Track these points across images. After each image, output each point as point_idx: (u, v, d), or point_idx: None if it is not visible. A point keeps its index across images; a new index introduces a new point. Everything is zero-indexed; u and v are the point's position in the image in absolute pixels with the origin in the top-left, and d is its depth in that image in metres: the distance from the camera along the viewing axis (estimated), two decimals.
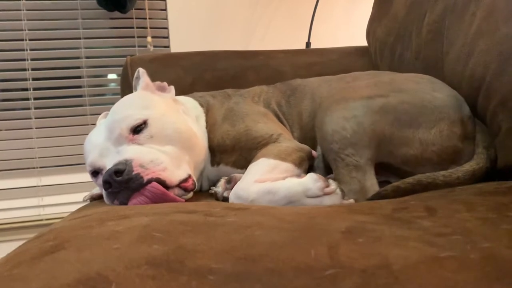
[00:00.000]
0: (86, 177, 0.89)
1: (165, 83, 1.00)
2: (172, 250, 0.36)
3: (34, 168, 2.13)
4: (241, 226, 0.42)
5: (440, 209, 0.51)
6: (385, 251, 0.35)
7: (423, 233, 0.40)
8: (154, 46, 2.12)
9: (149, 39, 2.08)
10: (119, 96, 1.54)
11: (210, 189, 0.94)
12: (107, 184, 0.76)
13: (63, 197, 2.12)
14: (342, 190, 0.72)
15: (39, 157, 2.13)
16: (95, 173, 0.86)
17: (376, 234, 0.39)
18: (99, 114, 2.14)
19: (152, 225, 0.44)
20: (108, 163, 0.81)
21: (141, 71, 0.98)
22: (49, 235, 0.47)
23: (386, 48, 1.28)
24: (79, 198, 2.05)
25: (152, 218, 0.48)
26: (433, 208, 0.51)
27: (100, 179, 0.81)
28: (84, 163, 0.87)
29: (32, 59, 2.10)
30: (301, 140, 0.94)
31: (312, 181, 0.72)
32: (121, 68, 1.37)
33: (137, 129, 0.83)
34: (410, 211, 0.51)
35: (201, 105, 1.02)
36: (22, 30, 2.08)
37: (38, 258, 0.38)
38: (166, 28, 2.18)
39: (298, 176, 0.78)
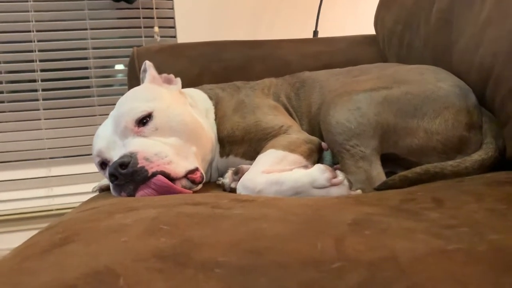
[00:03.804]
0: (95, 167, 0.89)
1: (171, 75, 0.99)
2: (179, 243, 0.36)
3: (43, 159, 2.15)
4: (248, 219, 0.42)
5: (448, 200, 0.50)
6: (392, 243, 0.35)
7: (431, 225, 0.40)
8: (161, 36, 2.11)
9: (156, 29, 2.08)
10: (126, 87, 1.55)
11: (217, 180, 0.95)
12: (113, 177, 0.77)
13: (73, 187, 2.14)
14: (349, 181, 0.72)
15: (48, 148, 2.15)
16: (103, 165, 0.86)
17: (383, 226, 0.39)
18: (107, 104, 2.18)
19: (159, 218, 0.44)
20: (114, 156, 0.81)
21: (148, 63, 0.98)
22: (58, 227, 0.47)
23: (394, 36, 1.27)
24: (88, 188, 2.07)
25: (159, 210, 0.48)
26: (441, 199, 0.51)
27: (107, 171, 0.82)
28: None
29: (39, 51, 2.11)
30: (310, 133, 0.94)
31: (319, 172, 0.72)
32: (128, 58, 1.37)
33: (142, 121, 0.83)
34: (417, 202, 0.51)
35: (210, 98, 1.02)
36: (29, 21, 2.08)
37: (47, 251, 0.38)
38: (173, 18, 2.17)
39: (306, 167, 0.78)
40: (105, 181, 1.00)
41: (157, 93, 0.90)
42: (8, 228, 2.08)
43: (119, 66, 2.26)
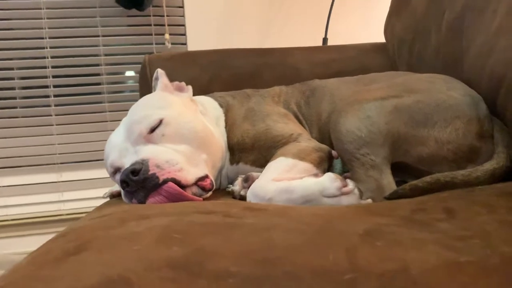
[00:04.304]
0: (105, 173, 0.90)
1: (183, 83, 1.00)
2: (192, 252, 0.37)
3: (54, 164, 2.17)
4: (259, 228, 0.43)
5: (460, 211, 0.50)
6: (404, 255, 0.35)
7: (442, 236, 0.39)
8: (171, 43, 2.13)
9: (166, 36, 2.09)
10: (137, 93, 1.55)
11: (227, 187, 0.95)
12: (124, 184, 0.77)
13: (83, 192, 2.16)
14: (360, 190, 0.72)
15: (59, 153, 2.16)
16: (114, 171, 0.87)
17: (395, 237, 0.39)
18: (118, 110, 2.20)
19: (171, 226, 0.44)
20: (126, 163, 0.82)
21: (160, 71, 0.99)
22: (71, 234, 0.48)
23: (404, 45, 1.27)
24: (98, 193, 2.08)
25: (171, 218, 0.48)
26: (452, 210, 0.50)
27: (119, 177, 0.82)
28: (103, 160, 0.89)
29: (52, 57, 2.14)
30: (320, 141, 0.94)
31: (329, 180, 0.72)
32: (139, 65, 1.39)
33: (154, 129, 0.84)
34: (428, 212, 0.50)
35: (221, 106, 1.03)
36: (42, 28, 2.11)
37: (61, 259, 0.38)
38: (183, 25, 2.19)
39: (316, 176, 0.78)
40: (116, 187, 1.00)
41: (169, 101, 0.91)
42: (19, 232, 2.10)
43: (130, 73, 2.28)
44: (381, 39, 1.49)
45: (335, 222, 0.46)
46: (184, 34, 2.20)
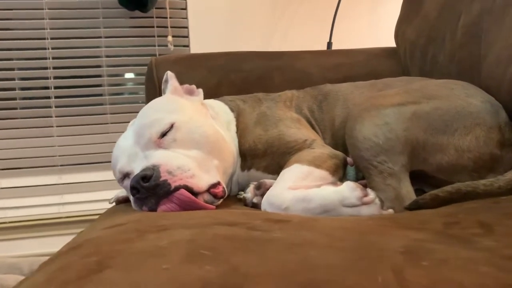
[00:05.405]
0: (106, 175, 0.88)
1: (193, 86, 0.98)
2: (227, 272, 0.34)
3: (55, 166, 2.14)
4: (292, 244, 0.40)
5: (495, 224, 0.48)
6: (457, 277, 0.32)
7: (490, 255, 0.37)
8: (174, 46, 2.10)
9: (169, 38, 2.07)
10: (138, 95, 1.52)
11: (238, 193, 0.92)
12: (134, 190, 0.74)
13: (83, 195, 2.13)
14: (381, 200, 0.70)
15: (59, 155, 2.13)
16: (123, 177, 0.84)
17: (440, 256, 0.37)
18: (119, 113, 2.18)
19: (196, 241, 0.42)
20: (135, 168, 0.79)
21: (170, 74, 0.96)
22: (88, 247, 0.45)
23: (416, 50, 1.24)
24: (99, 196, 2.07)
25: (193, 231, 0.46)
26: (487, 224, 0.48)
27: (127, 182, 0.80)
28: (104, 162, 0.86)
29: (53, 58, 2.11)
30: (333, 147, 0.91)
31: (349, 189, 0.70)
32: (141, 67, 1.36)
33: (165, 133, 0.81)
34: (463, 226, 0.48)
35: (232, 110, 1.00)
36: (44, 29, 2.08)
37: (84, 278, 0.35)
38: (186, 27, 2.17)
39: (333, 184, 0.75)
40: (122, 192, 0.98)
41: (180, 105, 0.89)
42: (18, 235, 2.07)
43: (131, 75, 2.25)
44: (386, 43, 1.47)
45: (369, 237, 0.43)
46: (187, 37, 2.17)
